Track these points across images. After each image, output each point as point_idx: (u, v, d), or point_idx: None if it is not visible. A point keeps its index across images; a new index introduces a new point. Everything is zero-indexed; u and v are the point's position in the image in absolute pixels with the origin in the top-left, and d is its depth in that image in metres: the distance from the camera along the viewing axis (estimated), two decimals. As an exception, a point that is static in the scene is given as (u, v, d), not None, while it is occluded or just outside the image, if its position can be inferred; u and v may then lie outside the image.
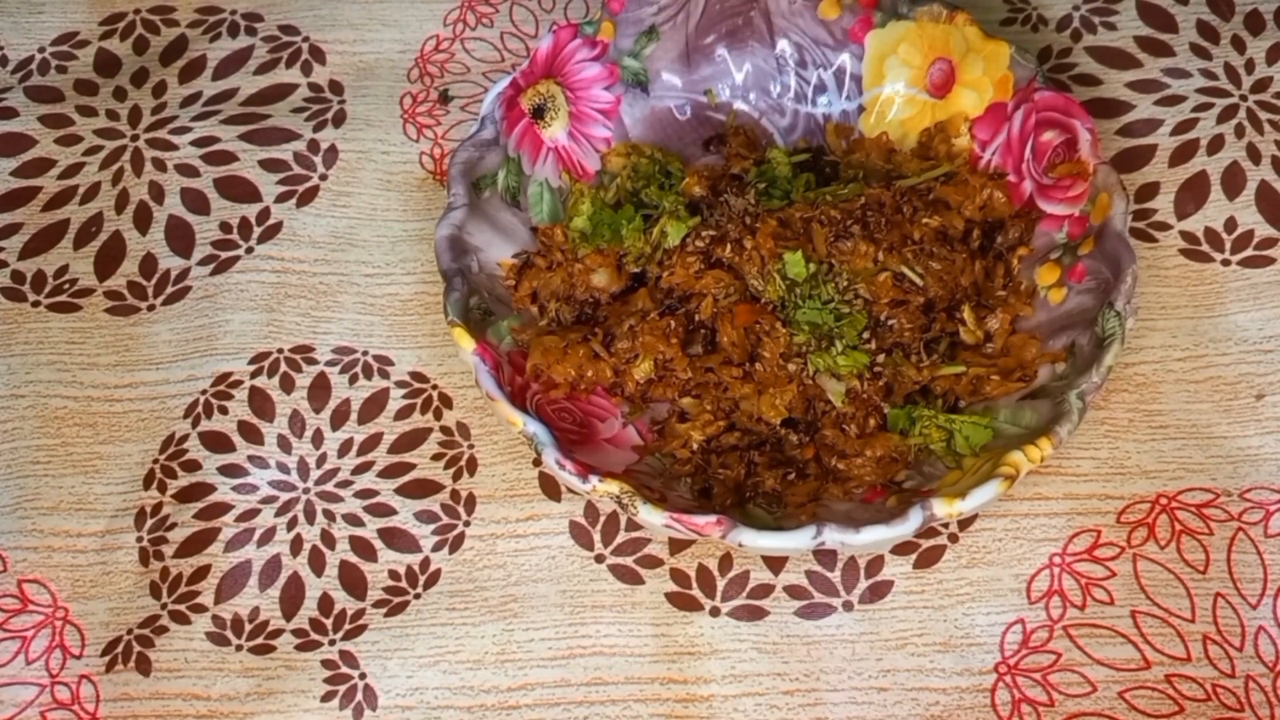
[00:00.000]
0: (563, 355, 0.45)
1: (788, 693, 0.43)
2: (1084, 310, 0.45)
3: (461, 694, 0.43)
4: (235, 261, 0.52)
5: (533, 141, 0.49)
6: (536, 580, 0.45)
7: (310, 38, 0.58)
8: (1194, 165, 0.52)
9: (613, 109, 0.51)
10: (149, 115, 0.56)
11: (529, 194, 0.49)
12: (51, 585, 0.46)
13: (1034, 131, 0.49)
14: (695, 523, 0.40)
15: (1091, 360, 0.43)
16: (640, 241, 0.47)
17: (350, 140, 0.55)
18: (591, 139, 0.51)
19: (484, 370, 0.43)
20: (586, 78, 0.50)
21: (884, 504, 0.43)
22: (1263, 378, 0.47)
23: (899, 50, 0.51)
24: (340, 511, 0.47)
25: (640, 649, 0.44)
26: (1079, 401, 0.42)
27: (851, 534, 0.40)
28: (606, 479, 0.41)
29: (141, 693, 0.44)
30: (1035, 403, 0.44)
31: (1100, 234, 0.46)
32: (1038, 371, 0.45)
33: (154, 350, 0.50)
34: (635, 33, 0.51)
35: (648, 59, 0.51)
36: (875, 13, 0.51)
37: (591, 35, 0.50)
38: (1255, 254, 0.50)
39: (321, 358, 0.50)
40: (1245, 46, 0.54)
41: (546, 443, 0.42)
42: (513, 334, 0.46)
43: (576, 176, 0.50)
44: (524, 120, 0.49)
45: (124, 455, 0.48)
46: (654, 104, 0.52)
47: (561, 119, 0.50)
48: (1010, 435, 0.44)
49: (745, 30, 0.52)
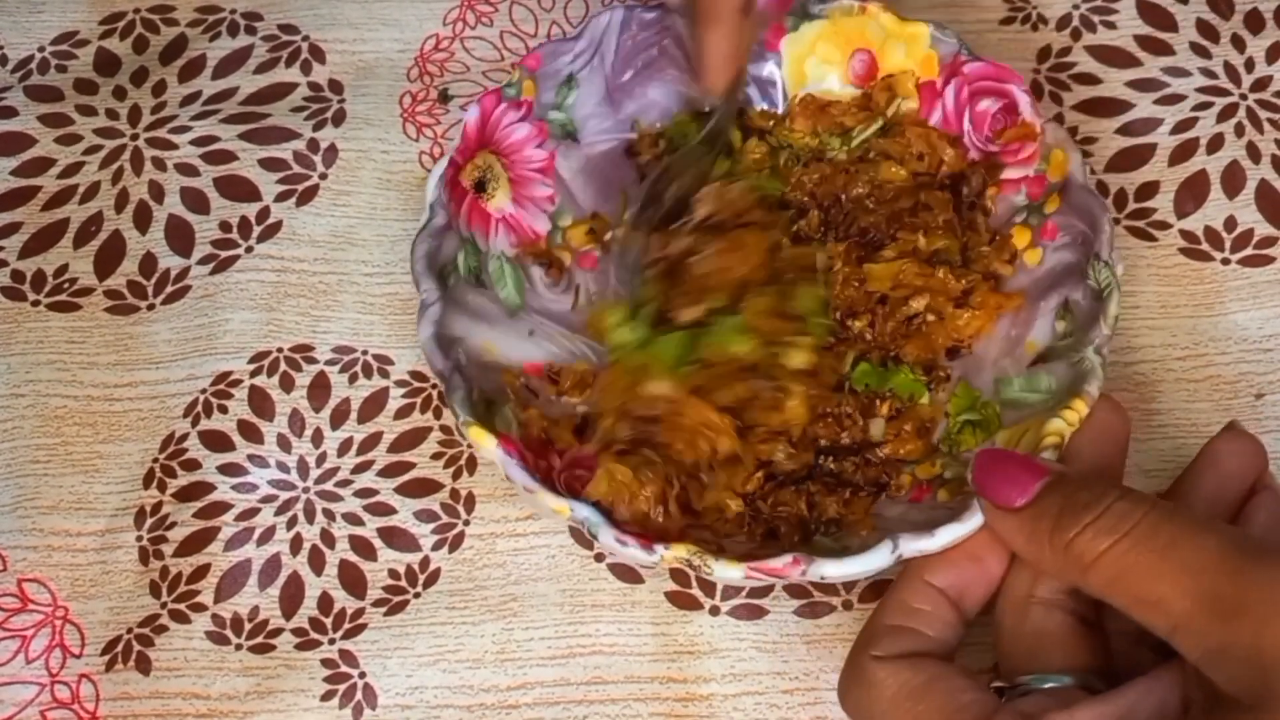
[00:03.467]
0: (636, 495, 0.42)
1: (787, 691, 0.43)
2: (1067, 266, 0.45)
3: (461, 693, 0.43)
4: (235, 261, 0.52)
5: (481, 216, 0.48)
6: (536, 579, 0.45)
7: (310, 37, 0.58)
8: (1194, 164, 0.52)
9: (548, 165, 0.50)
10: (149, 114, 0.56)
11: (490, 271, 0.48)
12: (51, 584, 0.46)
13: (969, 102, 0.49)
14: (774, 568, 0.39)
15: (1093, 314, 0.43)
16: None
17: (350, 139, 0.55)
18: (535, 200, 0.49)
19: (514, 465, 0.41)
20: (518, 140, 0.49)
21: (934, 499, 0.43)
22: (1262, 377, 0.47)
23: (816, 50, 0.51)
24: (340, 511, 0.47)
25: (640, 648, 0.44)
26: (1098, 357, 0.42)
27: (927, 539, 0.38)
28: (673, 545, 0.39)
29: (141, 692, 0.44)
30: (1048, 366, 0.44)
31: (1065, 190, 0.46)
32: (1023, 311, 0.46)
33: (154, 349, 0.50)
34: (555, 85, 0.49)
35: (572, 109, 0.50)
36: (786, 18, 0.51)
37: (515, 97, 0.48)
38: (1255, 253, 0.50)
39: (321, 357, 0.50)
40: (1245, 45, 0.54)
41: (600, 523, 0.40)
42: (520, 423, 0.44)
43: (527, 241, 0.49)
44: (468, 197, 0.48)
45: (124, 454, 0.48)
46: (587, 151, 0.50)
47: (503, 188, 0.48)
48: (1033, 404, 0.44)
49: (661, 60, 0.51)
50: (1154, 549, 0.33)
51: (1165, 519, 0.34)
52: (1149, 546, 0.33)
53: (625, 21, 0.50)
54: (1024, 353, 0.45)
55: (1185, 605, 0.32)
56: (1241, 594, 0.31)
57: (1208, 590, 0.32)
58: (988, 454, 0.38)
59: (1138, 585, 0.33)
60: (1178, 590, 0.32)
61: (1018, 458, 0.38)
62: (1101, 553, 0.34)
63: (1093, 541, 0.34)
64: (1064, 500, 0.35)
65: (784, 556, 0.39)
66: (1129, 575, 0.33)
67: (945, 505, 0.42)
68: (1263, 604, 0.31)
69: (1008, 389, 0.45)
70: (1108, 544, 0.34)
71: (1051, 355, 0.44)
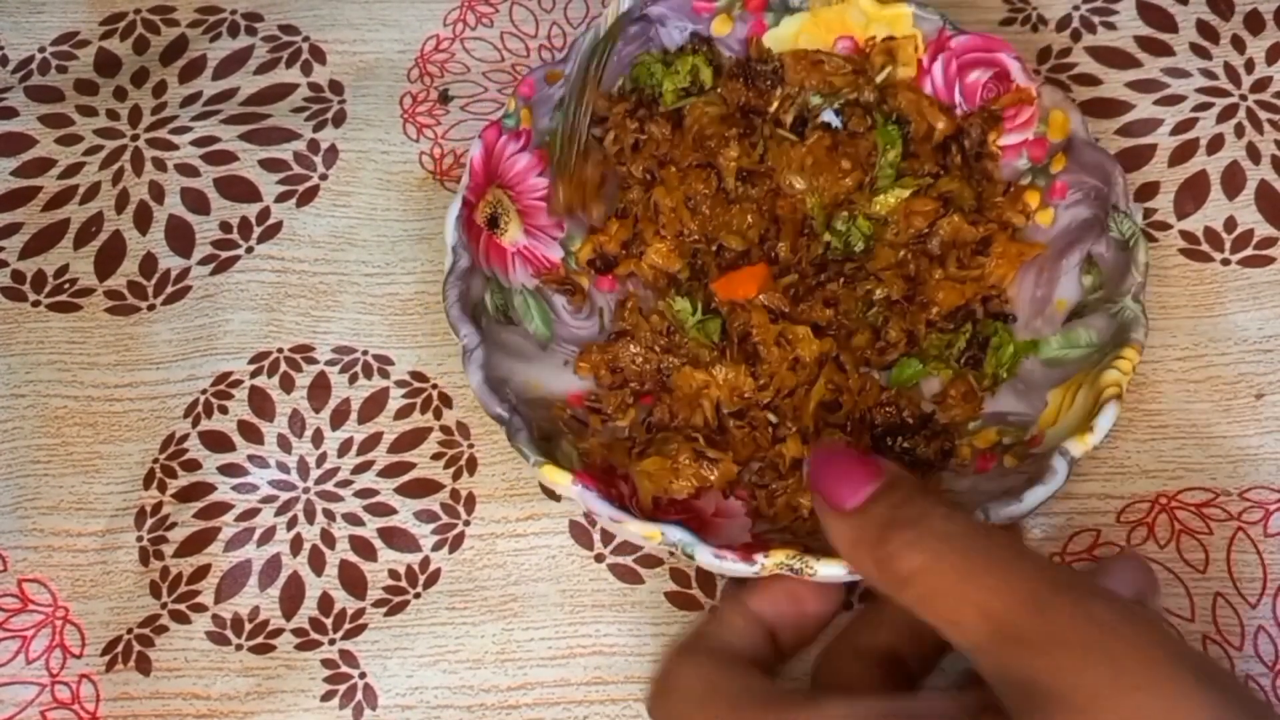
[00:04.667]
0: (675, 474, 0.43)
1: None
2: (1083, 222, 0.46)
3: (461, 693, 0.43)
4: (235, 261, 0.52)
5: (498, 253, 0.48)
6: (536, 580, 0.45)
7: (310, 37, 0.58)
8: (1194, 165, 0.52)
9: (550, 186, 0.49)
10: (149, 115, 0.56)
11: (516, 307, 0.47)
12: (51, 585, 0.46)
13: (958, 75, 0.49)
14: None
15: (1121, 264, 0.44)
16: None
17: (350, 140, 0.55)
18: (545, 229, 0.49)
19: (596, 499, 0.40)
20: (521, 170, 0.48)
21: (1002, 467, 0.43)
22: (1262, 377, 0.47)
23: (799, 43, 0.51)
24: (340, 511, 0.47)
25: (640, 648, 0.44)
26: (1137, 304, 0.43)
27: (1015, 505, 0.39)
28: (772, 552, 0.39)
29: (141, 692, 0.44)
30: (1084, 321, 0.45)
31: (1070, 148, 0.47)
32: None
33: (154, 350, 0.50)
34: (550, 111, 0.49)
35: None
36: (765, 14, 0.51)
37: (515, 127, 0.48)
38: (1255, 253, 0.50)
39: (321, 357, 0.50)
40: (1245, 46, 0.54)
41: (695, 542, 0.39)
42: (580, 454, 0.44)
43: (545, 271, 0.48)
44: (484, 235, 0.47)
45: (124, 455, 0.48)
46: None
47: (515, 221, 0.48)
48: (1077, 359, 0.44)
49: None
50: (964, 571, 0.34)
51: (979, 541, 0.34)
52: (961, 568, 0.34)
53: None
54: (1055, 311, 0.46)
55: (983, 629, 0.33)
56: (1029, 624, 0.32)
57: (1003, 618, 0.33)
58: (825, 450, 0.39)
59: (945, 605, 0.34)
60: (979, 615, 0.33)
61: (854, 457, 0.38)
62: (916, 569, 0.34)
63: (910, 558, 0.34)
64: (890, 512, 0.36)
65: None
66: (938, 594, 0.34)
67: (1016, 470, 0.43)
68: (1044, 636, 0.32)
69: (1046, 349, 0.46)
70: (923, 560, 0.34)
71: (1085, 310, 0.45)
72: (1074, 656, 0.32)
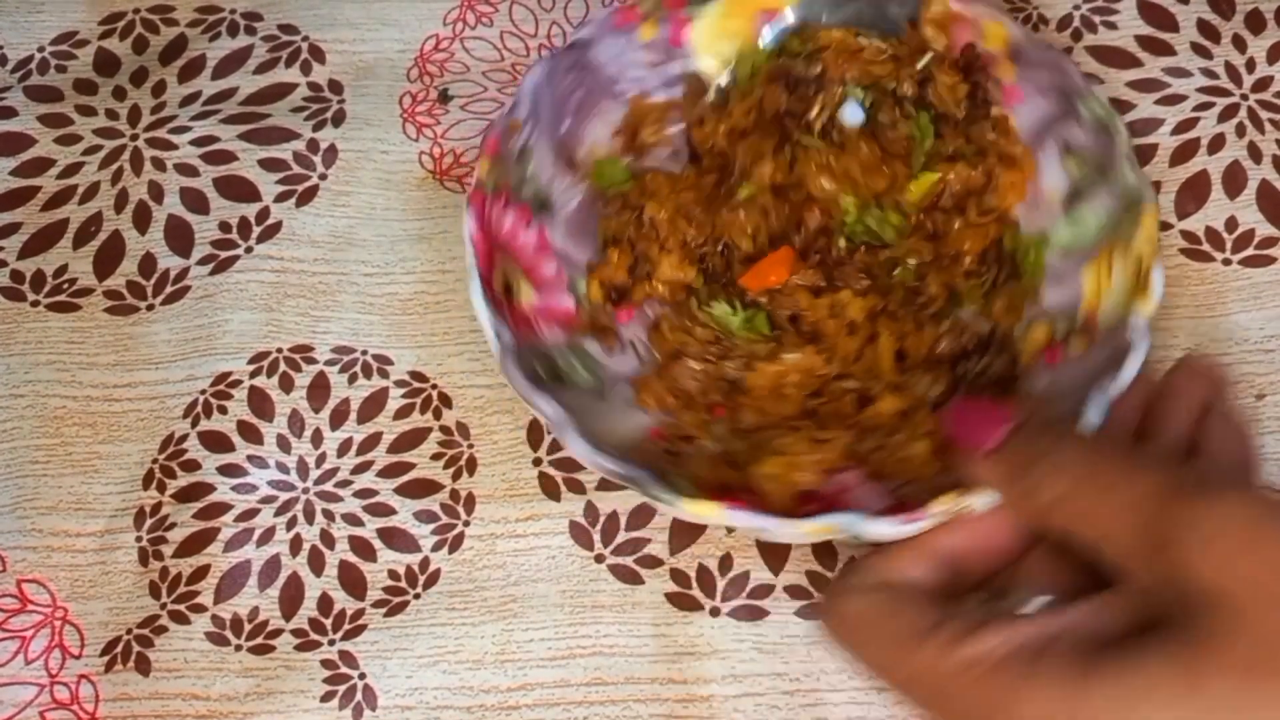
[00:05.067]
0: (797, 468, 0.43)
1: (788, 693, 0.43)
2: (1046, 116, 0.48)
3: (461, 694, 0.43)
4: (234, 261, 0.52)
5: (522, 319, 0.46)
6: (536, 580, 0.45)
7: (310, 37, 0.58)
8: (1195, 164, 0.51)
9: (542, 242, 0.48)
10: (148, 115, 0.56)
11: (561, 366, 0.46)
12: (50, 585, 0.46)
13: None
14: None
15: (1104, 143, 0.46)
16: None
17: (350, 140, 0.55)
18: (549, 281, 0.48)
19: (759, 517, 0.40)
20: (510, 229, 0.47)
21: (1071, 354, 0.44)
22: (1263, 378, 0.47)
23: (722, 26, 0.51)
24: (339, 511, 0.47)
25: (640, 649, 0.44)
26: (1133, 173, 0.45)
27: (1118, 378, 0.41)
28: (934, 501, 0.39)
29: (141, 693, 0.44)
30: (1088, 204, 0.46)
31: (1017, 56, 0.48)
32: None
33: (153, 350, 0.50)
34: (513, 162, 0.48)
35: (536, 179, 0.48)
36: (684, 9, 0.50)
37: (493, 189, 0.46)
38: (1256, 253, 0.50)
39: (321, 357, 0.50)
40: (1246, 45, 0.54)
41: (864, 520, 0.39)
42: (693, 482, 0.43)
43: (568, 323, 0.47)
44: (504, 305, 0.45)
45: (123, 455, 0.48)
46: (563, 214, 0.49)
47: (525, 282, 0.47)
48: (1092, 239, 0.46)
49: (590, 98, 0.50)
50: (1100, 488, 0.35)
51: (1108, 459, 0.36)
52: (1094, 487, 0.36)
53: (550, 73, 0.48)
54: (1050, 201, 0.47)
55: (1128, 540, 0.35)
56: (1170, 527, 0.33)
57: (1143, 524, 0.34)
58: (958, 404, 0.40)
59: (1089, 524, 0.36)
60: (1121, 526, 0.35)
61: (983, 405, 0.40)
62: (1058, 496, 0.36)
63: (1049, 486, 0.36)
64: (1024, 447, 0.38)
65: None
66: (1082, 515, 0.36)
67: (1089, 353, 0.44)
68: (1183, 537, 0.33)
69: (1057, 238, 0.47)
70: (1061, 487, 0.36)
71: (1083, 193, 0.47)
72: (1220, 551, 0.33)
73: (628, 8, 0.50)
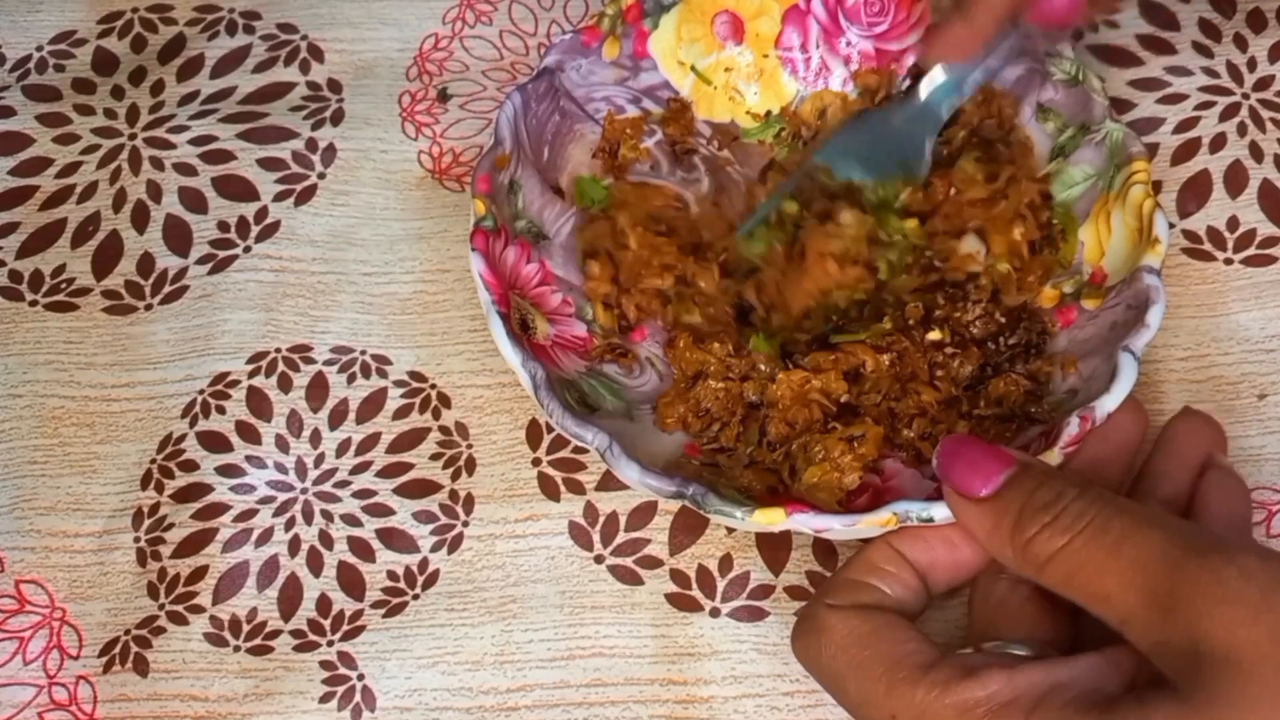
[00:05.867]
0: (840, 470, 0.43)
1: (788, 694, 0.43)
2: (1018, 79, 0.49)
3: (460, 695, 0.43)
4: (233, 261, 0.52)
5: (544, 353, 0.45)
6: (535, 581, 0.45)
7: (308, 36, 0.57)
8: (1196, 164, 0.51)
9: (545, 274, 0.48)
10: (147, 114, 0.56)
11: (589, 395, 0.46)
12: (49, 586, 0.46)
13: (839, 4, 0.51)
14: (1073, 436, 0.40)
15: (1079, 98, 0.47)
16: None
17: (348, 139, 0.55)
18: (559, 311, 0.47)
19: (822, 517, 0.39)
20: (514, 265, 0.46)
21: (1087, 312, 0.46)
22: (1265, 377, 0.47)
23: (682, 34, 0.51)
24: (338, 512, 0.47)
25: (640, 650, 0.44)
26: (1116, 123, 0.46)
27: (1144, 331, 0.41)
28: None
29: (139, 693, 0.44)
30: (1070, 160, 0.48)
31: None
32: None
33: (151, 350, 0.50)
34: (505, 196, 0.47)
35: (527, 211, 0.48)
36: (643, 21, 0.50)
37: (493, 227, 0.45)
38: (1258, 253, 0.49)
39: (319, 357, 0.50)
40: (1247, 44, 0.54)
41: (927, 504, 0.39)
42: (742, 491, 0.43)
43: (585, 351, 0.47)
44: (527, 342, 0.45)
45: (121, 455, 0.48)
46: (558, 242, 0.49)
47: (539, 316, 0.46)
48: (1084, 193, 0.47)
49: (566, 123, 0.50)
50: (1103, 547, 0.34)
51: (1115, 516, 0.35)
52: (1099, 544, 0.35)
53: (524, 104, 0.47)
54: (1035, 163, 0.49)
55: (1131, 600, 0.34)
56: (1178, 589, 0.33)
57: (1150, 585, 0.33)
58: (953, 441, 0.39)
59: (1089, 582, 0.35)
60: (1124, 586, 0.34)
61: (982, 446, 0.38)
62: (1056, 551, 0.35)
63: (1048, 542, 0.35)
64: (1024, 499, 0.36)
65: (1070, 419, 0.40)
66: (1081, 573, 0.35)
67: (1104, 309, 0.45)
68: (1197, 598, 0.32)
69: (1058, 186, 0.48)
70: (1062, 543, 0.35)
71: (1067, 150, 0.48)
72: (1237, 615, 0.32)
73: (589, 27, 0.49)
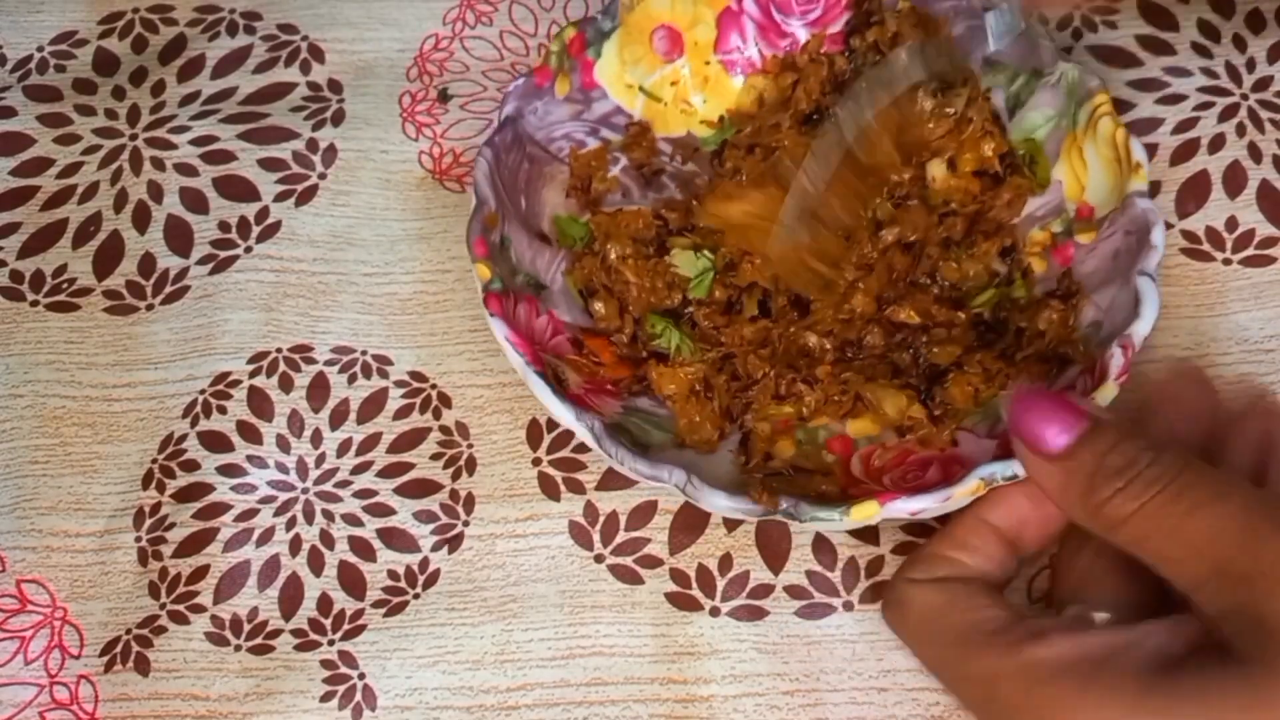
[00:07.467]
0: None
1: (788, 693, 0.43)
2: (960, 36, 0.49)
3: (461, 694, 0.43)
4: (234, 261, 0.52)
5: (582, 404, 0.44)
6: (536, 580, 0.45)
7: (309, 36, 0.58)
8: (1195, 164, 0.51)
9: (558, 324, 0.47)
10: (148, 114, 0.56)
11: (639, 436, 0.45)
12: (50, 585, 0.46)
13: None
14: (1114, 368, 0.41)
15: (1026, 45, 0.48)
16: None
17: (349, 139, 0.55)
18: (577, 361, 0.47)
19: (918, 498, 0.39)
20: (525, 320, 0.46)
21: (1083, 246, 0.46)
22: (1264, 378, 0.47)
23: (624, 56, 0.51)
24: (339, 511, 0.47)
25: (640, 649, 0.44)
26: (1068, 63, 0.47)
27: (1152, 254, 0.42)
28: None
29: (140, 693, 0.44)
30: (1028, 106, 0.48)
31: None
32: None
33: (153, 350, 0.50)
34: (499, 256, 0.47)
35: (520, 265, 0.47)
36: (586, 51, 0.50)
37: (502, 289, 0.44)
38: (1256, 253, 0.49)
39: (320, 357, 0.50)
40: (1246, 45, 0.54)
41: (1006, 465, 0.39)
42: (818, 492, 0.44)
43: (614, 393, 0.46)
44: (567, 393, 0.44)
45: (122, 455, 0.48)
46: (555, 287, 0.48)
47: (566, 366, 0.46)
48: (1049, 134, 0.48)
49: (535, 168, 0.50)
50: (1176, 514, 0.34)
51: (1191, 483, 0.35)
52: (1172, 511, 0.35)
53: (495, 158, 0.47)
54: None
55: (1202, 568, 0.34)
56: (1252, 561, 0.33)
57: (1222, 555, 0.33)
58: (1027, 393, 0.38)
59: (1161, 546, 0.35)
60: (1196, 554, 0.34)
61: (1057, 399, 0.38)
62: (1129, 514, 0.35)
63: (1121, 506, 0.35)
64: (1097, 460, 0.36)
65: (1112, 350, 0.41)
66: (1154, 537, 0.35)
67: (1100, 239, 0.45)
68: (1271, 571, 0.33)
69: (1018, 132, 0.49)
70: (1135, 507, 0.35)
71: (1023, 96, 0.49)
72: None
73: (539, 68, 0.49)
